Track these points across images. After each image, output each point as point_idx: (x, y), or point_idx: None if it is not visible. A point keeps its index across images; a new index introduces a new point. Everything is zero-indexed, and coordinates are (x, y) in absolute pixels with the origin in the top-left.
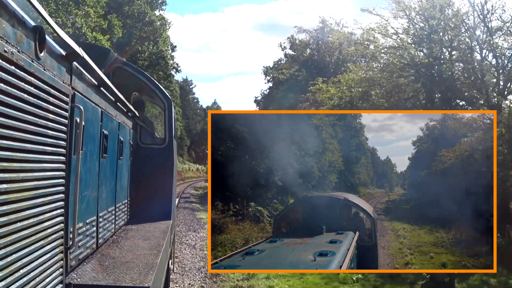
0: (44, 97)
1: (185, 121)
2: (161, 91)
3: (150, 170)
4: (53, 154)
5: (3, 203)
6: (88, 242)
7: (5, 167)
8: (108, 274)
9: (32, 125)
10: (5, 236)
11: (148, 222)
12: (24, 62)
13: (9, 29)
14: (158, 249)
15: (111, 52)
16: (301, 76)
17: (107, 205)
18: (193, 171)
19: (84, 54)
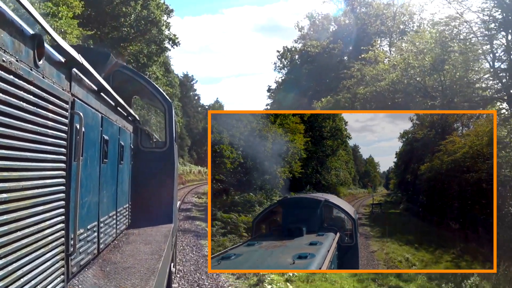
0: (43, 105)
1: (186, 119)
2: (161, 94)
3: (151, 174)
4: (53, 161)
5: (4, 213)
6: (89, 248)
7: (5, 176)
8: (110, 280)
9: (32, 133)
10: (6, 245)
11: (150, 226)
12: (23, 71)
13: (7, 38)
14: (159, 253)
15: (110, 56)
16: (337, 49)
17: (108, 210)
18: (195, 174)
19: (83, 61)
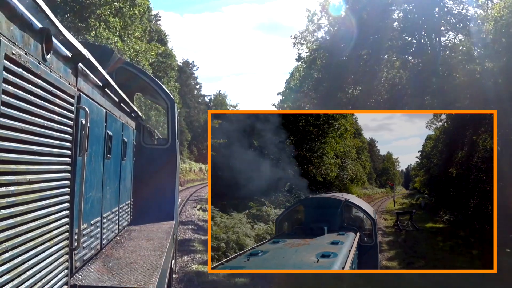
0: (50, 98)
1: (186, 111)
2: (164, 91)
3: (153, 171)
4: (59, 155)
5: (10, 206)
6: (93, 243)
7: (12, 169)
8: (113, 275)
9: (39, 127)
10: (12, 238)
11: (151, 223)
12: (31, 64)
13: (17, 31)
14: (161, 250)
15: (114, 52)
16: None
17: (111, 206)
18: (195, 172)
19: (89, 56)
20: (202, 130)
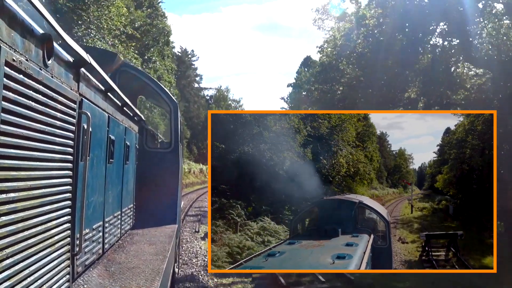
0: (52, 104)
1: (184, 105)
2: (167, 94)
3: (156, 174)
4: (60, 161)
5: (11, 212)
6: (95, 248)
7: (13, 176)
8: (115, 280)
9: (40, 133)
10: (14, 244)
11: (154, 226)
12: (32, 70)
13: (18, 38)
14: (164, 254)
15: (117, 56)
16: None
17: (113, 210)
18: (195, 174)
19: (91, 61)
20: (202, 127)
